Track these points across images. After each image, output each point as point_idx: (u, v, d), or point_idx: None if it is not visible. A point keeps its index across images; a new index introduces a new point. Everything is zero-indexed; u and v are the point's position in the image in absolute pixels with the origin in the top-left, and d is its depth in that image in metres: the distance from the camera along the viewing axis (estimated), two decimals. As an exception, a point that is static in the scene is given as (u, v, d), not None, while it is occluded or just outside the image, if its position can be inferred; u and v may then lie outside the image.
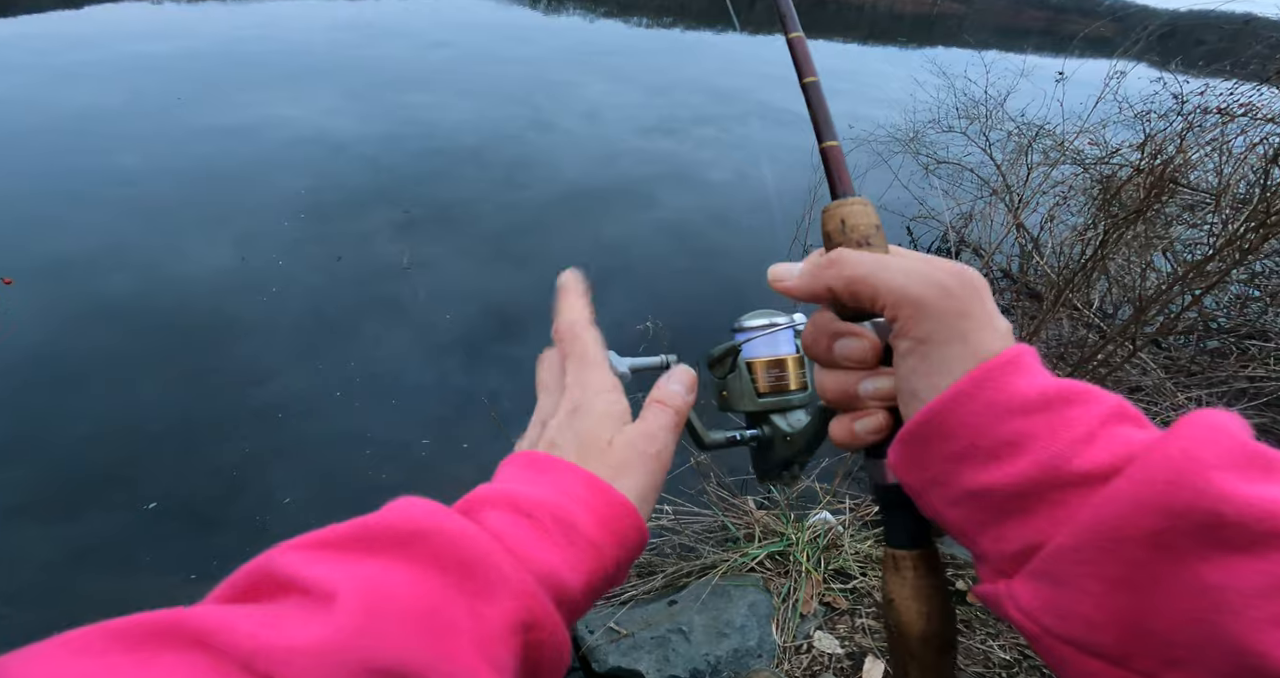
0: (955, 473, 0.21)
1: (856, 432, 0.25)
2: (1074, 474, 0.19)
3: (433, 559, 0.18)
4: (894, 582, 0.26)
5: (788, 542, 1.23)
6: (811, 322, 0.27)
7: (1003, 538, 0.21)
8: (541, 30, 10.94)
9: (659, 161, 4.68)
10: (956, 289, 0.22)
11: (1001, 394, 0.21)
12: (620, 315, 2.75)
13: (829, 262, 0.25)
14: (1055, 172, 3.53)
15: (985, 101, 3.91)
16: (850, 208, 0.27)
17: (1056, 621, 0.19)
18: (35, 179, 3.22)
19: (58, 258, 2.62)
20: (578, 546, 0.22)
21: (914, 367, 0.23)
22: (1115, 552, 0.18)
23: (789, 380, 0.33)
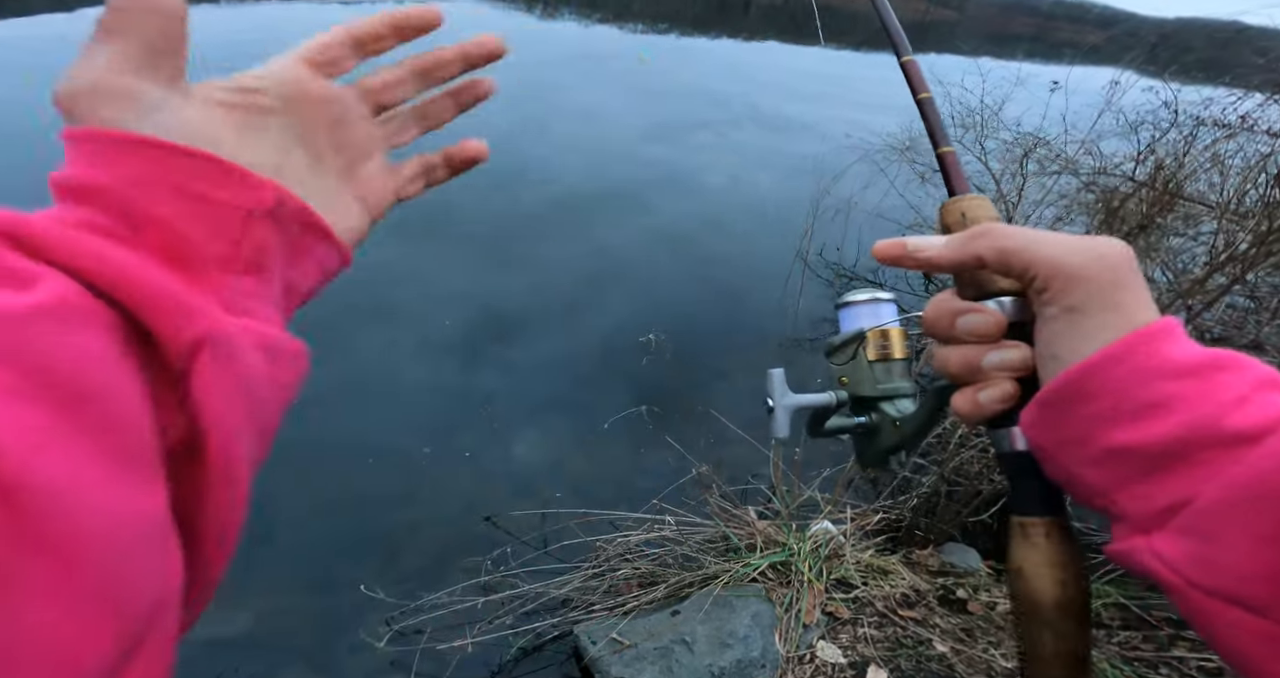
0: (1097, 432, 0.22)
1: (981, 401, 0.25)
2: (1225, 434, 0.20)
3: None
4: (1023, 550, 0.25)
5: (789, 552, 1.24)
6: (933, 302, 0.28)
7: (1147, 496, 0.21)
8: (536, 35, 11.04)
9: (654, 166, 4.71)
10: (1113, 260, 0.23)
11: (1153, 359, 0.21)
12: (619, 322, 2.77)
13: (980, 231, 0.26)
14: (1052, 182, 3.58)
15: (981, 110, 3.96)
16: (969, 202, 0.29)
17: (1203, 573, 0.20)
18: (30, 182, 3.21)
19: None
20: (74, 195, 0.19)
21: (1059, 332, 0.23)
22: (1266, 507, 0.19)
23: (893, 349, 0.34)
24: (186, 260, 0.19)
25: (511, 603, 1.45)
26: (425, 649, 1.38)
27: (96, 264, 0.16)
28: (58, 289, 0.15)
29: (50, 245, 0.16)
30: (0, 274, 0.15)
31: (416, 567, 1.66)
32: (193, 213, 0.19)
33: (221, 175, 0.20)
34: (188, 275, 0.19)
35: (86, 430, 0.14)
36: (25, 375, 0.13)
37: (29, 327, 0.14)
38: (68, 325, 0.15)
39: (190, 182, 0.19)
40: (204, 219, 0.19)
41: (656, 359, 2.55)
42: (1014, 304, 0.26)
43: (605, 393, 2.37)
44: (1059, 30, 29.04)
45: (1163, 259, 2.42)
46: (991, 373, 0.25)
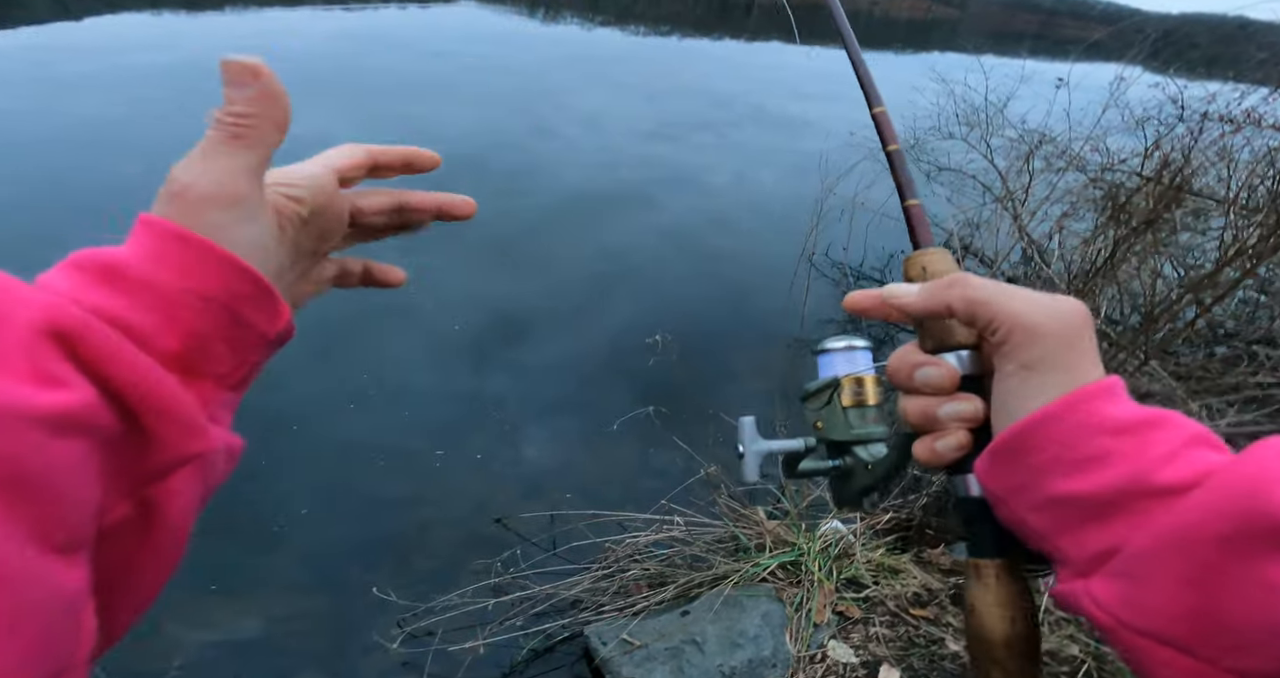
0: (1042, 481, 0.24)
1: (938, 449, 0.28)
2: (1156, 486, 0.22)
3: None
4: (977, 591, 0.27)
5: (799, 552, 1.24)
6: (895, 354, 0.30)
7: (1084, 542, 0.23)
8: (539, 38, 11.09)
9: (659, 167, 4.71)
10: (1070, 320, 0.25)
11: (1093, 417, 0.23)
12: (627, 323, 2.78)
13: (951, 282, 0.28)
14: (1058, 179, 3.56)
15: (985, 108, 3.91)
16: (930, 256, 0.31)
17: (1132, 614, 0.22)
18: (40, 191, 3.26)
19: None
20: (126, 285, 0.20)
21: (1013, 388, 0.25)
22: (1190, 553, 0.20)
23: (867, 395, 0.35)
24: (195, 372, 0.20)
25: (522, 604, 1.46)
26: (437, 651, 1.39)
27: (131, 380, 0.17)
28: (70, 402, 0.16)
29: (99, 356, 0.17)
30: (32, 370, 0.16)
31: (428, 569, 1.67)
32: (227, 334, 0.21)
33: (267, 304, 0.23)
34: (186, 380, 0.20)
35: (22, 518, 0.15)
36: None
37: (13, 426, 0.15)
38: (56, 434, 0.16)
39: (242, 307, 0.22)
40: (232, 342, 0.22)
41: (664, 360, 2.55)
42: (970, 358, 0.28)
43: (613, 394, 2.37)
44: (1062, 27, 28.92)
45: (1172, 254, 2.40)
46: (947, 423, 0.27)
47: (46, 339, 0.17)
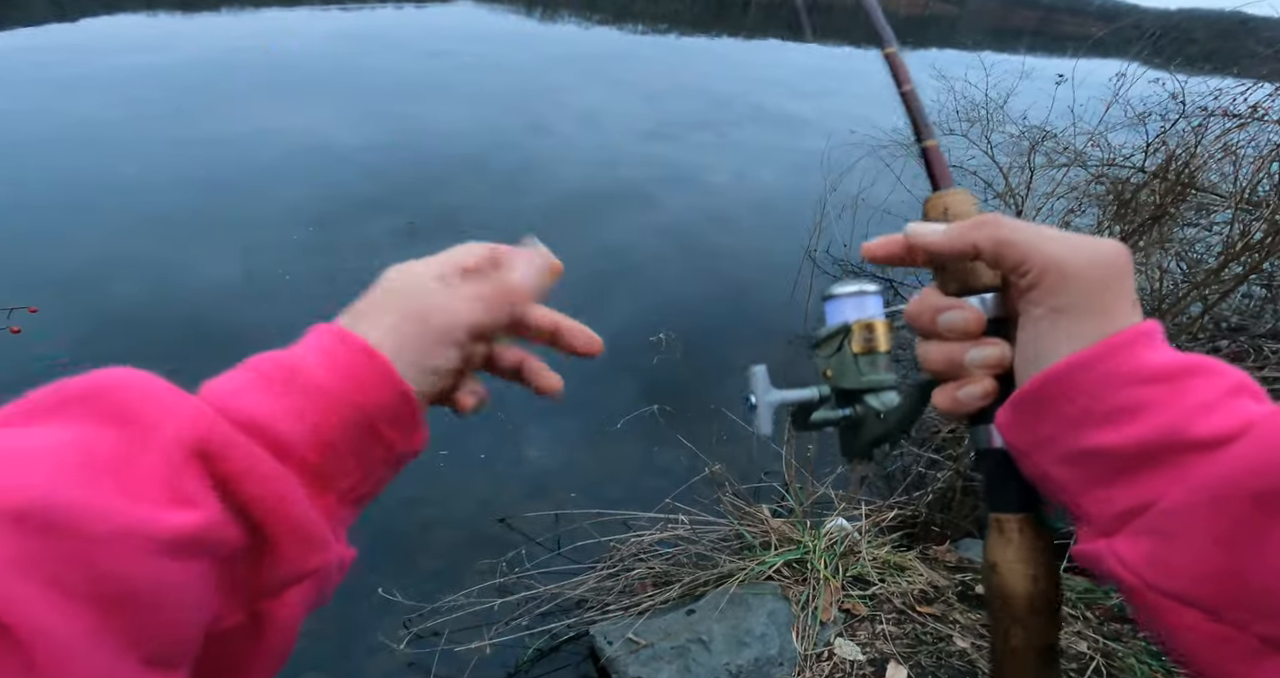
0: (1069, 434, 0.22)
1: (961, 398, 0.26)
2: (1193, 439, 0.20)
3: (92, 414, 0.17)
4: (998, 546, 0.26)
5: (805, 549, 1.24)
6: (916, 297, 0.28)
7: (1111, 499, 0.21)
8: (537, 37, 11.06)
9: (658, 165, 4.70)
10: (1109, 261, 0.23)
11: (1127, 364, 0.21)
12: (629, 322, 2.77)
13: (980, 221, 0.26)
14: (1061, 175, 3.55)
15: (986, 104, 3.90)
16: (953, 196, 0.30)
17: (1159, 574, 0.20)
18: (41, 191, 3.25)
19: (69, 271, 2.65)
20: (299, 390, 0.20)
21: (1042, 333, 0.23)
22: (1224, 509, 0.19)
23: (878, 341, 0.34)
24: (325, 485, 0.21)
25: (527, 604, 1.46)
26: (444, 651, 1.38)
27: (264, 497, 0.18)
28: (196, 524, 0.16)
29: (236, 474, 0.18)
30: (165, 490, 0.16)
31: (433, 569, 1.67)
32: (365, 452, 0.22)
33: (412, 424, 0.23)
34: (316, 497, 0.21)
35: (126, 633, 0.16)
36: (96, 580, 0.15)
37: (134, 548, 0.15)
38: (177, 555, 0.16)
39: (389, 428, 0.22)
40: (367, 459, 0.22)
41: (667, 358, 2.54)
42: (994, 300, 0.26)
43: (616, 392, 2.35)
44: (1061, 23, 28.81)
45: (1177, 250, 2.39)
46: (971, 369, 0.26)
47: (189, 456, 0.17)
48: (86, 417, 0.17)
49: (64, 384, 0.18)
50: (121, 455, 0.16)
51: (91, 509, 0.15)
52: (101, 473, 0.16)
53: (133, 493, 0.16)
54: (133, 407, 0.17)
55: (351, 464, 0.22)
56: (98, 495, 0.16)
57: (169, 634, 0.17)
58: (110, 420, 0.17)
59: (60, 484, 0.15)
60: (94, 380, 0.18)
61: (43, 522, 0.15)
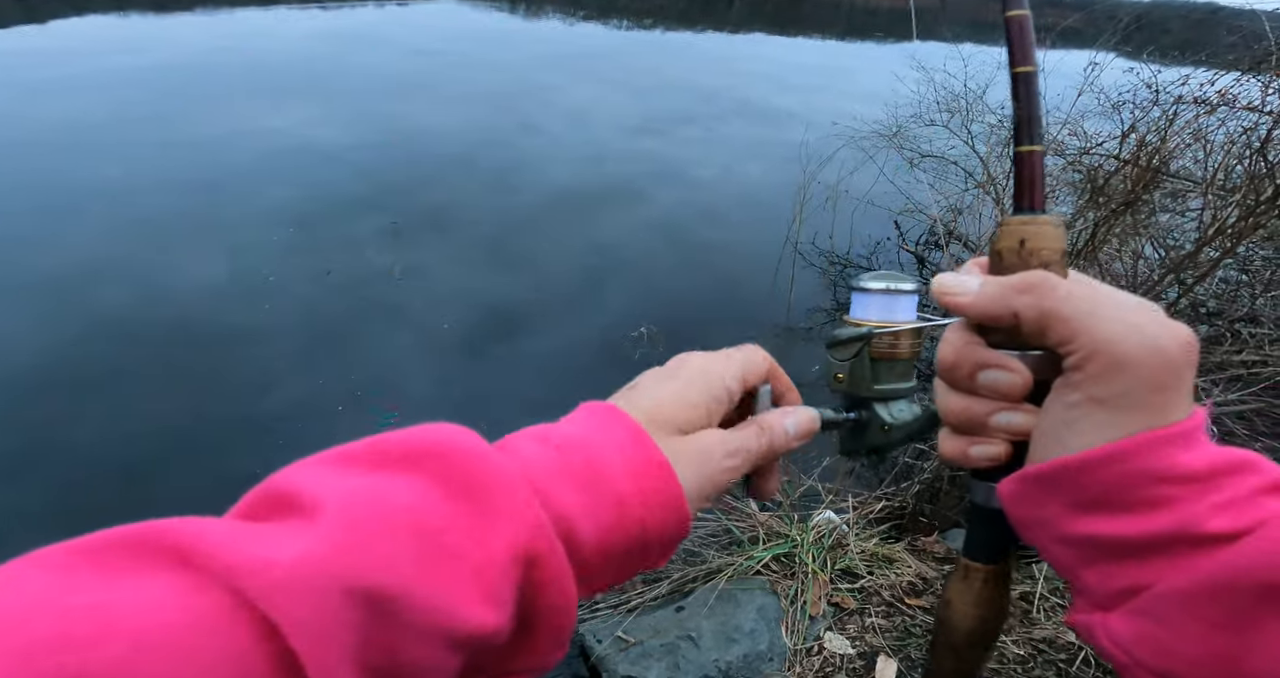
0: (1077, 517, 0.21)
1: (973, 455, 0.24)
2: (1203, 534, 0.20)
3: (439, 477, 0.17)
4: (959, 588, 0.26)
5: (793, 543, 1.21)
6: (951, 343, 0.24)
7: (1111, 576, 0.21)
8: (522, 35, 10.89)
9: (645, 161, 4.66)
10: (1171, 355, 0.20)
11: (1160, 463, 0.20)
12: (615, 317, 2.73)
13: (1028, 285, 0.22)
14: None
15: (965, 95, 3.87)
16: (1037, 228, 0.23)
17: (1152, 655, 0.20)
18: (22, 194, 3.14)
19: (51, 272, 2.56)
20: (601, 493, 0.20)
21: (1074, 420, 0.21)
22: (1225, 599, 0.19)
23: (901, 349, 0.30)
24: (587, 585, 0.21)
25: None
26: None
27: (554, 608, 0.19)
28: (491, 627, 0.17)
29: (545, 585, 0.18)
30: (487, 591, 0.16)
31: None
32: (630, 568, 0.22)
33: (672, 550, 0.23)
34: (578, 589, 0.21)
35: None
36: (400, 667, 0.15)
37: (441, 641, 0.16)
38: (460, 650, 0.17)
39: (660, 553, 0.23)
40: (625, 573, 0.22)
41: (649, 352, 2.51)
42: (1041, 360, 0.23)
43: (602, 388, 2.33)
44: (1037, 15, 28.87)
45: (1152, 235, 2.39)
46: (993, 432, 0.23)
47: (516, 564, 0.17)
48: (433, 478, 0.17)
49: (409, 434, 0.19)
50: (460, 539, 0.17)
51: (423, 603, 0.15)
52: (440, 558, 0.16)
53: (460, 585, 0.16)
54: (479, 482, 0.18)
55: (614, 574, 0.22)
56: (433, 588, 0.16)
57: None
58: (456, 492, 0.17)
59: (408, 568, 0.15)
60: (438, 437, 0.18)
61: (384, 608, 0.15)
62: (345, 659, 0.14)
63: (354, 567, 0.15)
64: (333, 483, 0.16)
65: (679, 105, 6.31)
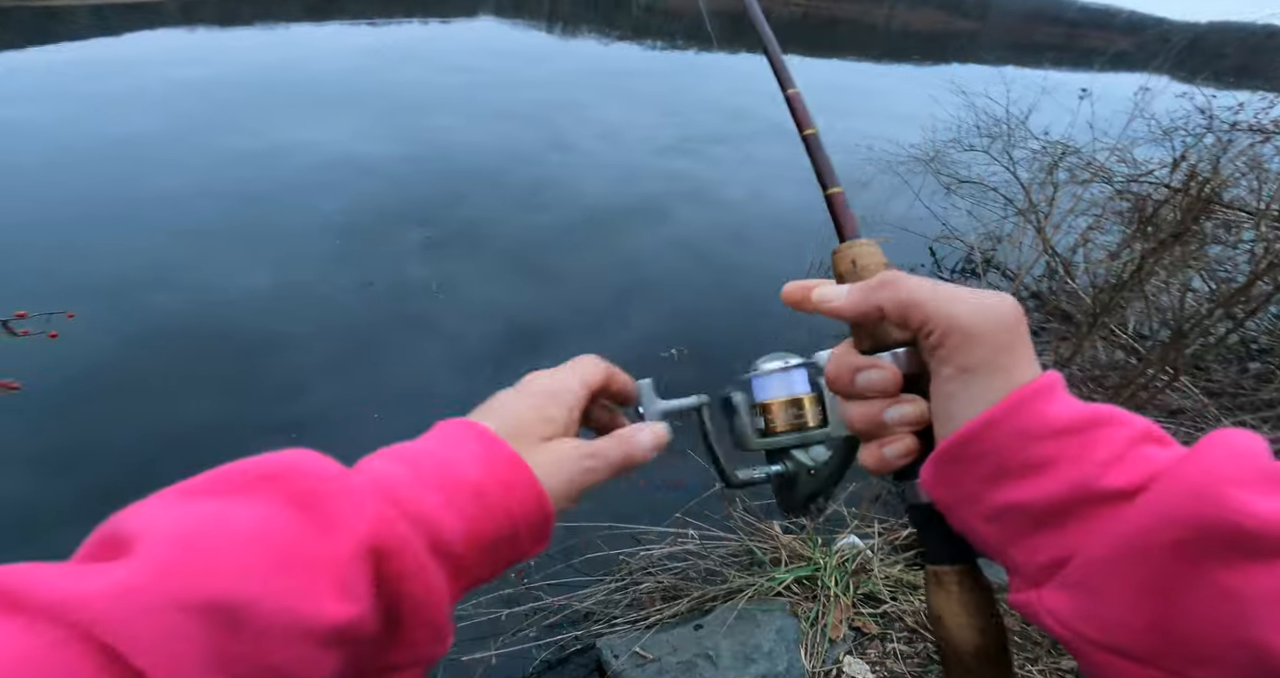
0: (988, 491, 0.23)
1: (886, 456, 0.27)
2: (1103, 491, 0.21)
3: (279, 495, 0.18)
4: (940, 598, 0.27)
5: (815, 566, 1.24)
6: (834, 357, 0.29)
7: (1035, 550, 0.22)
8: (558, 53, 11.34)
9: (676, 180, 4.76)
10: (1006, 320, 0.24)
11: (1034, 420, 0.22)
12: (643, 335, 2.80)
13: (882, 282, 0.26)
14: (1083, 191, 3.50)
15: (1007, 119, 3.82)
16: (859, 248, 0.30)
17: (1089, 626, 0.21)
18: (85, 203, 3.44)
19: (107, 279, 2.79)
20: (457, 488, 0.22)
21: (953, 392, 0.24)
22: (1143, 561, 0.20)
23: (807, 418, 0.34)
24: (463, 579, 0.23)
25: (535, 616, 1.47)
26: (449, 661, 1.40)
27: (418, 599, 0.20)
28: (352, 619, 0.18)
29: (400, 574, 0.19)
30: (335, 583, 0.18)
31: None
32: (504, 557, 0.24)
33: (544, 537, 0.25)
34: (452, 585, 0.22)
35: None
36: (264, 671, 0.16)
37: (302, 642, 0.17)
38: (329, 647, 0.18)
39: (530, 540, 0.24)
40: (502, 563, 0.24)
41: (679, 374, 2.57)
42: (907, 355, 0.27)
43: None
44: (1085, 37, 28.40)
45: (1202, 267, 2.35)
46: (892, 428, 0.27)
47: (366, 555, 0.18)
48: (275, 497, 0.18)
49: (251, 462, 0.19)
50: (303, 544, 0.17)
51: (272, 606, 0.16)
52: (284, 563, 0.17)
53: (308, 584, 0.17)
54: (319, 495, 0.19)
55: (489, 563, 0.23)
56: (280, 591, 0.16)
57: None
58: (297, 505, 0.18)
59: (249, 576, 0.16)
60: (280, 461, 0.20)
61: (230, 617, 0.15)
62: (202, 671, 0.15)
63: (186, 583, 0.15)
64: (161, 514, 0.17)
65: (710, 124, 6.46)
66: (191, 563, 0.15)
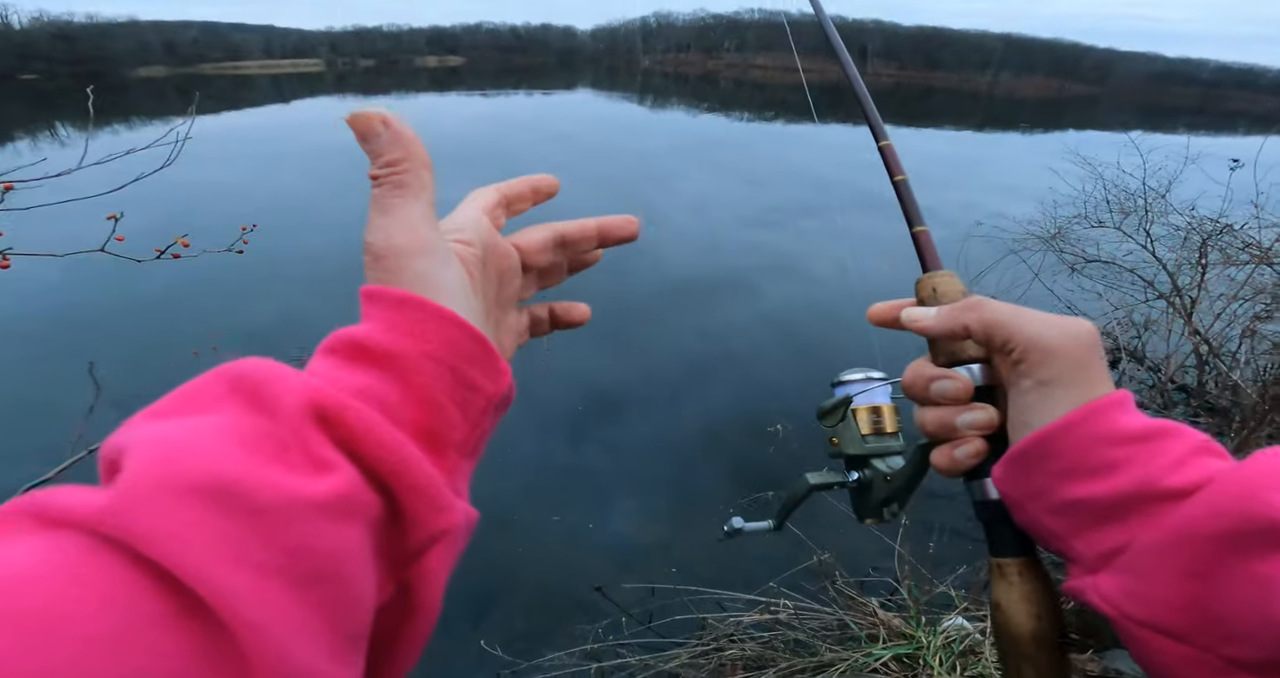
0: (1057, 486, 0.27)
1: (957, 457, 0.31)
2: (1164, 490, 0.25)
3: (232, 395, 0.19)
4: (1001, 588, 0.30)
5: (917, 645, 1.26)
6: (911, 368, 0.34)
7: (1096, 541, 0.27)
8: (649, 123, 12.53)
9: (762, 253, 5.02)
10: (1083, 340, 0.29)
11: (1107, 427, 0.26)
12: (739, 409, 2.93)
13: (968, 305, 0.32)
14: (1242, 274, 3.25)
15: (1143, 192, 3.60)
16: (940, 278, 0.35)
17: (1135, 605, 0.25)
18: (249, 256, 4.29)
19: (253, 323, 3.44)
20: (376, 358, 0.22)
21: (1032, 403, 0.29)
22: (1190, 548, 0.24)
23: (885, 423, 0.41)
24: (439, 443, 0.22)
25: (619, 673, 1.57)
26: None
27: (386, 458, 0.19)
28: (342, 485, 0.18)
29: (355, 436, 0.19)
30: (306, 457, 0.18)
31: (529, 629, 1.84)
32: (460, 399, 0.23)
33: (489, 363, 0.24)
34: (434, 456, 0.22)
35: (322, 611, 0.17)
36: (286, 555, 0.17)
37: (307, 516, 0.17)
38: (338, 519, 0.18)
39: (469, 368, 0.23)
40: (465, 406, 0.23)
41: (782, 449, 2.66)
42: (982, 370, 0.32)
43: (727, 477, 2.53)
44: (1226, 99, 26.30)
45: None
46: (963, 431, 0.31)
47: (312, 423, 0.19)
48: (231, 401, 0.19)
49: (208, 375, 0.20)
50: (262, 431, 0.18)
51: (260, 482, 0.17)
52: (254, 448, 0.18)
53: (278, 459, 0.18)
54: (261, 386, 0.19)
55: (456, 416, 0.23)
56: (261, 469, 0.17)
57: (359, 608, 0.19)
58: (249, 403, 0.19)
59: (230, 460, 0.17)
60: (228, 369, 0.20)
61: (224, 500, 0.16)
62: (220, 559, 0.16)
63: (175, 474, 0.16)
64: (138, 432, 0.18)
65: (798, 196, 6.81)
66: (170, 458, 0.16)
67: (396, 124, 0.26)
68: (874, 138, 0.42)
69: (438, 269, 0.24)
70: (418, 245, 0.24)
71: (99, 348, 3.26)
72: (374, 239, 0.24)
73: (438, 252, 0.25)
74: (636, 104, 16.01)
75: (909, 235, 0.38)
